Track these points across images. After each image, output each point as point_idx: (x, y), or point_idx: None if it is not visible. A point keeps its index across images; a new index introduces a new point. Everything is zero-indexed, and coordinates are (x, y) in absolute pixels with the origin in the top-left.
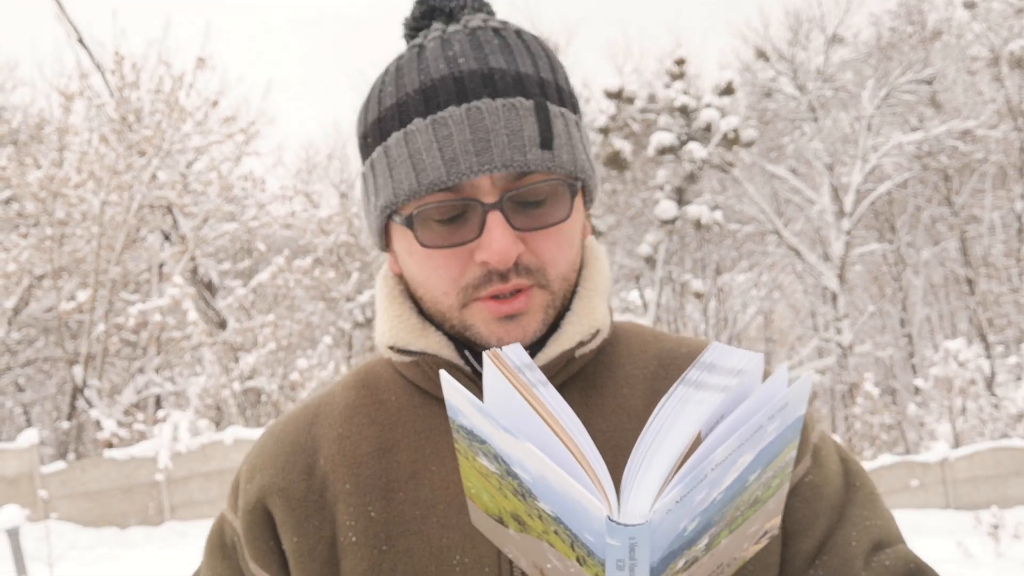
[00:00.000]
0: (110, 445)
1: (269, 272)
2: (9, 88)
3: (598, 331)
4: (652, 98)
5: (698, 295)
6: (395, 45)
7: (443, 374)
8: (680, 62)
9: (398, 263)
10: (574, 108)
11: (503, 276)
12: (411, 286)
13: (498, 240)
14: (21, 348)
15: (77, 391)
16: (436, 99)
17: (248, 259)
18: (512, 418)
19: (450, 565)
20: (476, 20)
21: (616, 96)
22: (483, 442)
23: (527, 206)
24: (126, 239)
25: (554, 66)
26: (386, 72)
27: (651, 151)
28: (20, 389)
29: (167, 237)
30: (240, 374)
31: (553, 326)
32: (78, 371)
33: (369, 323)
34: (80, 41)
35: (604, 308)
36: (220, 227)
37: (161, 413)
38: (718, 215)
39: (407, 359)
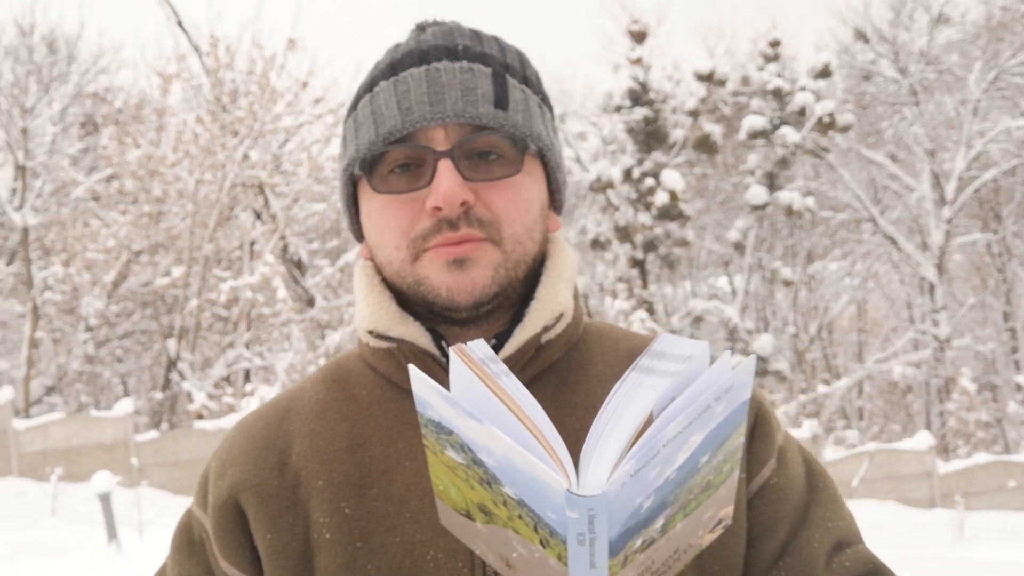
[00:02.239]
0: (200, 416)
1: (356, 252)
2: (113, 70)
3: (561, 315)
4: (744, 80)
5: (787, 283)
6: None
7: (412, 368)
8: (775, 44)
9: (364, 236)
10: (544, 100)
11: (453, 225)
12: (372, 253)
13: (445, 182)
14: (120, 320)
15: (171, 363)
16: (401, 66)
17: (336, 239)
18: (477, 406)
19: (424, 560)
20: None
21: (707, 78)
22: (450, 433)
23: (478, 159)
24: (219, 217)
25: (524, 63)
26: None
27: (742, 135)
28: (118, 360)
29: (258, 216)
30: (326, 351)
31: (519, 316)
32: (172, 344)
33: None
34: (179, 24)
35: (567, 294)
36: (310, 207)
37: (249, 387)
38: (810, 201)
39: (385, 345)
